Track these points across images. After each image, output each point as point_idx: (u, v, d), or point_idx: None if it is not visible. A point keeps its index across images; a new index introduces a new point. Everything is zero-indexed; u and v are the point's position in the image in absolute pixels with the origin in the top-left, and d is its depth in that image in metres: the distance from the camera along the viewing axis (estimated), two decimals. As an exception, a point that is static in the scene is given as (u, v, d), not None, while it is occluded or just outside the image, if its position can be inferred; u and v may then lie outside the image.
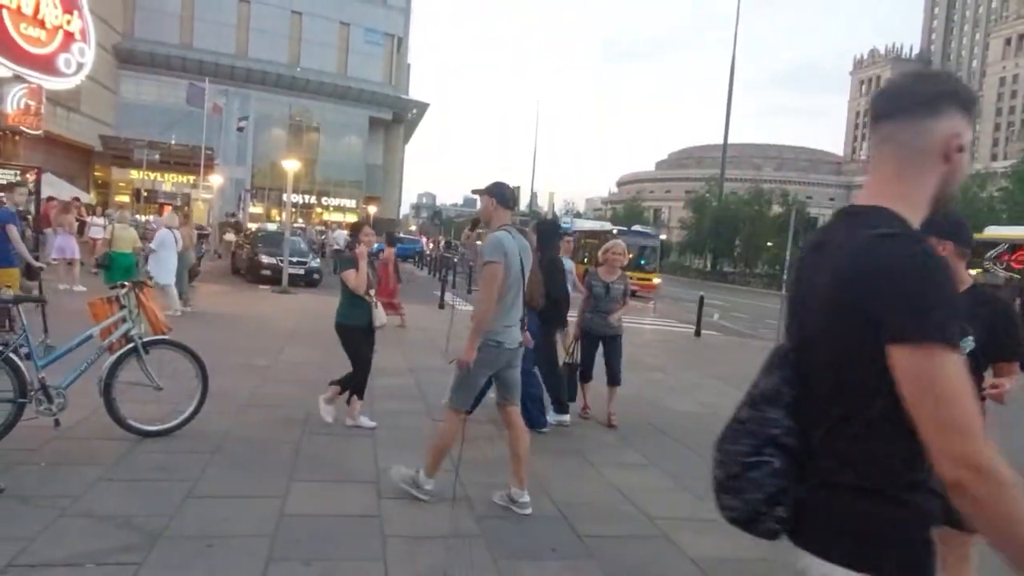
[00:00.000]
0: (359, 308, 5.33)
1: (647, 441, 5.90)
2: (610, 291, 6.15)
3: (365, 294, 5.28)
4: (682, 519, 4.16)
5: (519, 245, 3.87)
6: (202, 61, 43.27)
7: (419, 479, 4.00)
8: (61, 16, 16.24)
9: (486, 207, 3.99)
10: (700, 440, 5.97)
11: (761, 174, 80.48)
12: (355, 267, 5.24)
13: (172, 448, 4.54)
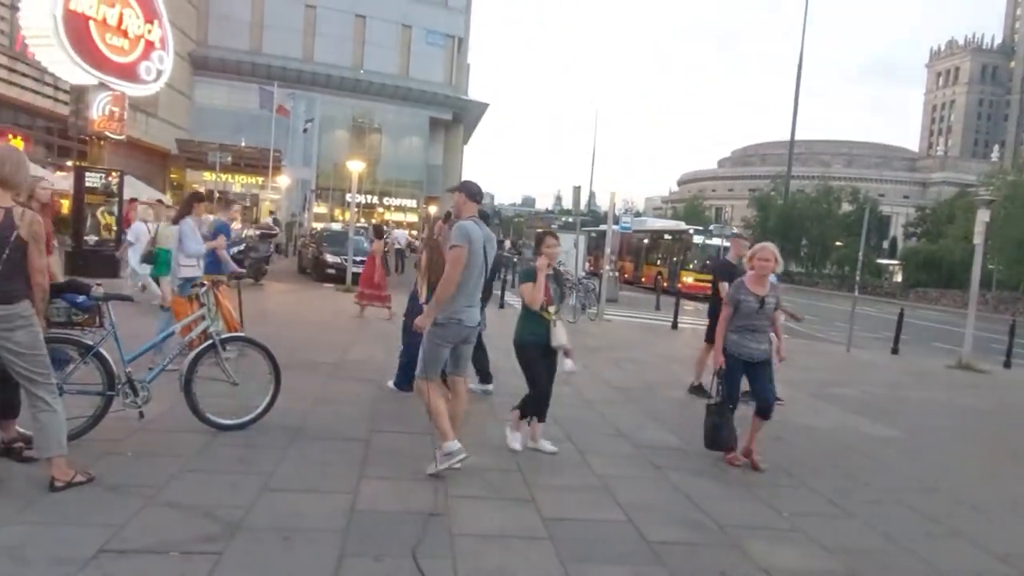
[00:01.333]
0: (536, 325, 4.89)
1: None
2: (764, 305, 5.13)
3: (543, 310, 4.83)
4: (754, 528, 4.05)
5: (484, 235, 4.36)
6: (270, 66, 44.68)
7: (444, 450, 4.30)
8: (143, 26, 17.01)
9: (457, 201, 4.54)
10: (770, 447, 5.81)
11: (830, 171, 77.64)
12: (534, 280, 4.83)
13: (247, 442, 4.69)
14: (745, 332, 5.11)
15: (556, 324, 4.86)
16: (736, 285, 5.22)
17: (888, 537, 4.12)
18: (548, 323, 4.84)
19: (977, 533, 4.36)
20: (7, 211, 3.44)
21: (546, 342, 4.85)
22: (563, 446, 5.37)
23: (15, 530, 3.17)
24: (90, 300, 4.32)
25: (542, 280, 4.84)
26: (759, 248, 5.28)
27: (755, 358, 5.11)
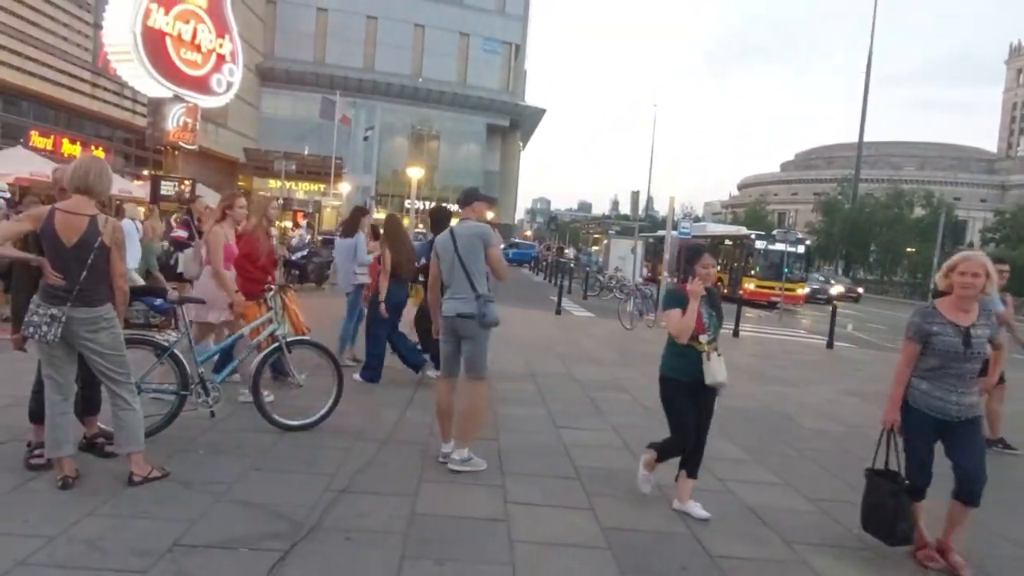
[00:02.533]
0: (684, 358, 4.03)
1: (778, 459, 5.59)
2: (971, 342, 3.54)
3: (695, 341, 4.01)
4: (821, 544, 3.91)
5: (457, 235, 4.57)
6: (333, 76, 45.88)
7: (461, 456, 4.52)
8: (215, 40, 17.76)
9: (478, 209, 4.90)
10: (838, 461, 5.61)
11: (900, 174, 74.68)
12: (682, 305, 4.01)
13: (311, 442, 4.81)
14: (942, 378, 3.60)
15: (711, 357, 3.99)
16: (923, 312, 3.72)
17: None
18: (700, 355, 3.99)
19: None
20: (92, 219, 3.62)
21: (697, 379, 3.98)
22: (621, 454, 5.31)
23: (96, 522, 3.33)
24: (166, 303, 4.51)
25: (695, 307, 3.97)
26: (961, 259, 3.65)
27: (955, 416, 3.58)
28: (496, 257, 4.59)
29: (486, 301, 4.45)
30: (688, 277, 4.07)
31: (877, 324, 22.90)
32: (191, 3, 17.11)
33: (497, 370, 8.20)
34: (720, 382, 4.01)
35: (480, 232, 4.56)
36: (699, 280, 4.00)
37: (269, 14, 45.61)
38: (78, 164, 3.76)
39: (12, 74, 19.32)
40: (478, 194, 4.83)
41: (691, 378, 4.00)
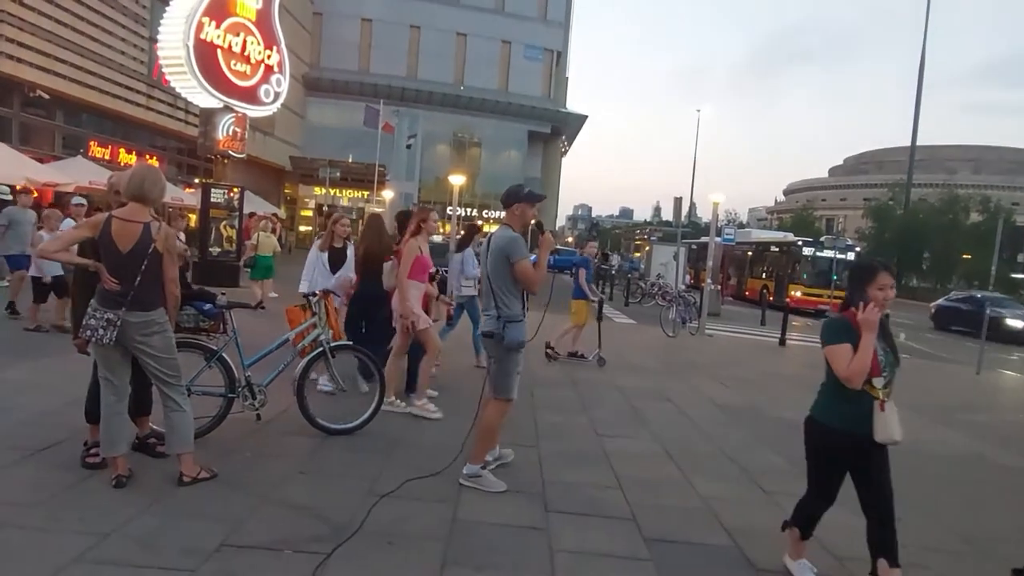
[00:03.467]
0: (854, 405, 3.17)
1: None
2: None
3: (866, 385, 3.14)
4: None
5: (489, 246, 4.32)
6: (377, 85, 46.58)
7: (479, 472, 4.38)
8: (263, 51, 18.18)
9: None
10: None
11: (956, 178, 72.12)
12: (851, 340, 3.12)
13: (354, 446, 4.86)
14: None
15: (887, 407, 3.15)
16: None
17: None
18: (873, 404, 3.15)
19: None
20: (146, 226, 3.74)
21: (865, 432, 3.17)
22: (664, 464, 5.23)
23: (147, 520, 3.42)
24: (215, 308, 4.62)
25: (871, 342, 3.09)
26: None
27: None
28: (522, 271, 4.10)
29: (507, 322, 4.12)
30: (857, 302, 3.16)
31: (932, 334, 22.14)
32: (241, 16, 17.57)
33: (538, 377, 8.19)
34: (896, 440, 3.18)
35: (503, 245, 4.14)
36: (875, 307, 3.11)
37: (316, 25, 46.60)
38: (134, 173, 3.88)
39: (73, 87, 20.15)
40: (518, 194, 4.31)
41: (856, 430, 3.17)
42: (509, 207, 4.31)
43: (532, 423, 5.97)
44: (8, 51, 17.64)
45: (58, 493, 3.65)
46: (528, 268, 4.12)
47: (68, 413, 4.76)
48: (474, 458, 4.34)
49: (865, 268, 3.29)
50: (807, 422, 3.48)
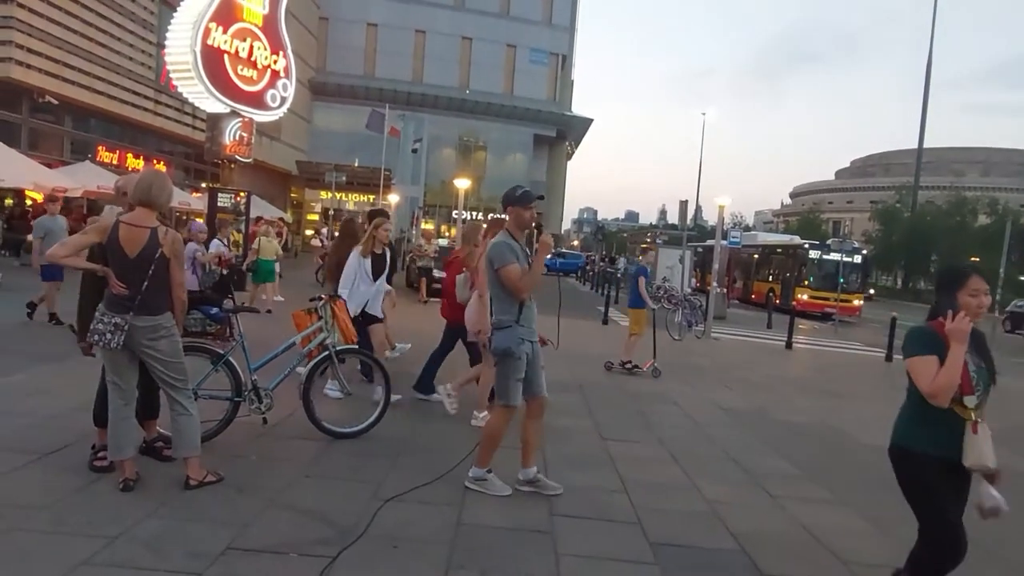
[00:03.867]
0: (941, 428, 2.80)
1: (832, 475, 5.42)
2: None
3: (956, 404, 2.76)
4: (878, 565, 3.75)
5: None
6: (382, 89, 46.72)
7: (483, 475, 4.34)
8: (270, 57, 18.31)
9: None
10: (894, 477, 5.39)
11: (963, 180, 71.74)
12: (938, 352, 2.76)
13: (360, 450, 4.87)
14: None
15: (978, 430, 2.75)
16: None
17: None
18: (963, 425, 2.77)
19: None
20: (153, 231, 3.76)
21: (953, 456, 2.77)
22: (669, 468, 5.23)
23: (153, 524, 3.44)
24: (222, 312, 4.65)
25: (960, 355, 2.73)
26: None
27: None
28: (504, 277, 3.99)
29: (495, 328, 4.09)
30: (945, 310, 2.82)
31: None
32: (248, 21, 17.69)
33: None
34: (989, 467, 2.76)
35: (489, 252, 4.14)
36: (965, 315, 2.76)
37: (322, 30, 46.79)
38: (141, 178, 3.91)
39: (81, 93, 20.30)
40: (511, 196, 4.19)
41: (945, 454, 2.78)
42: (506, 210, 4.22)
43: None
44: (18, 57, 17.80)
45: (66, 496, 3.67)
46: (511, 274, 3.97)
47: (76, 417, 4.78)
48: (479, 461, 4.32)
49: (955, 272, 2.97)
50: (892, 452, 2.99)
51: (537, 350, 4.24)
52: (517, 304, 4.05)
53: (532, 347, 4.14)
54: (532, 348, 4.14)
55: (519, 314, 4.06)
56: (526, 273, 4.02)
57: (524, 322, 4.08)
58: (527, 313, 4.11)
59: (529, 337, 4.13)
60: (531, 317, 4.17)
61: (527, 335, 4.11)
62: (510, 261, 3.99)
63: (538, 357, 4.24)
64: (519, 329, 4.05)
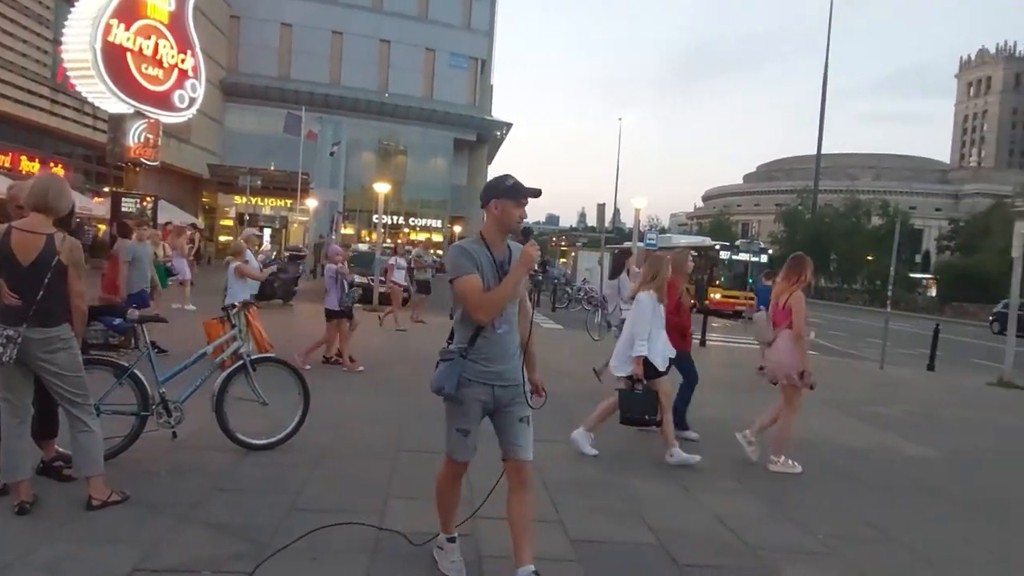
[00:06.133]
0: None
1: (742, 466, 5.68)
2: None
3: None
4: (788, 551, 3.98)
5: None
6: (298, 91, 45.60)
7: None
8: (176, 55, 17.55)
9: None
10: (806, 464, 5.71)
11: (858, 185, 76.65)
12: None
13: (276, 461, 4.75)
14: None
15: None
16: None
17: (930, 562, 4.02)
18: None
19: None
20: (49, 237, 3.56)
21: None
22: (591, 465, 5.34)
23: (54, 548, 3.24)
24: (126, 323, 4.44)
25: None
26: None
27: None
28: (458, 292, 2.99)
29: (440, 359, 3.10)
30: None
31: (838, 331, 23.38)
32: (152, 18, 16.91)
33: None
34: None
35: (447, 261, 3.20)
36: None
37: (233, 29, 45.22)
38: (36, 182, 3.70)
39: (-34, 90, 18.87)
40: (498, 187, 3.10)
41: None
42: (486, 206, 3.09)
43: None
44: None
45: (-48, 524, 3.42)
46: (468, 288, 2.94)
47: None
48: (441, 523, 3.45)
49: None
50: None
51: (515, 398, 3.15)
52: (472, 330, 3.02)
53: (494, 392, 3.07)
54: (493, 394, 3.07)
55: (469, 344, 3.02)
56: (489, 290, 2.97)
57: (477, 356, 3.02)
58: (486, 345, 3.02)
59: (483, 379, 3.03)
60: (496, 352, 3.05)
61: (478, 375, 3.02)
62: (467, 271, 2.96)
63: (515, 406, 3.15)
64: (466, 365, 3.00)
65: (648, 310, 5.37)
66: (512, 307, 3.09)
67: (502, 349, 3.06)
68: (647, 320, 5.34)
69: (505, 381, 3.09)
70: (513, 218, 3.05)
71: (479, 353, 3.02)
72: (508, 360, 3.08)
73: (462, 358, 3.01)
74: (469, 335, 3.03)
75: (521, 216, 3.07)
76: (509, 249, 3.09)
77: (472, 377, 3.02)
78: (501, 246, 3.09)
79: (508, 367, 3.08)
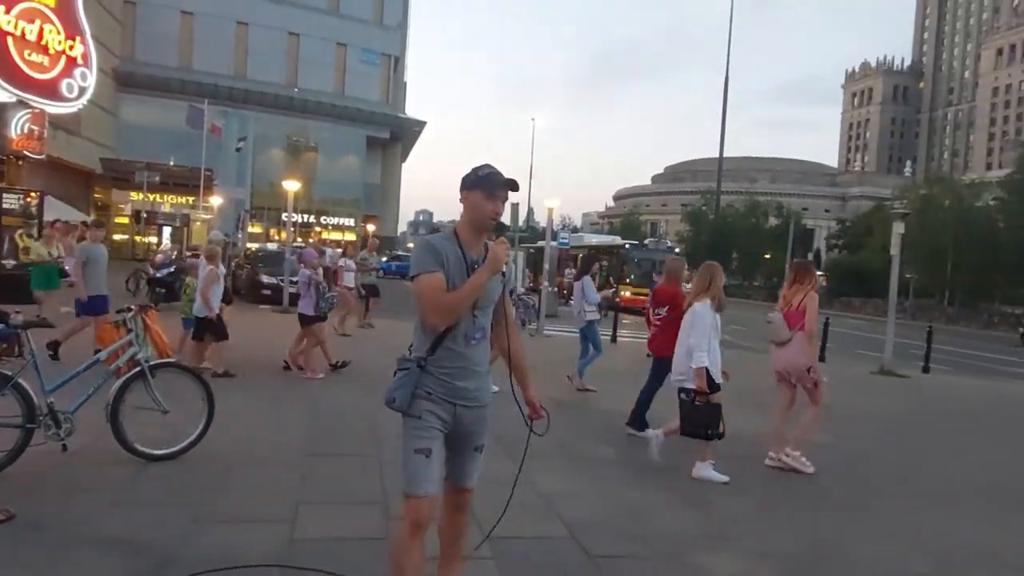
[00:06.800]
0: None
1: (647, 458, 5.88)
2: None
3: None
4: (693, 537, 4.16)
5: None
6: (201, 83, 43.65)
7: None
8: (64, 42, 16.41)
9: None
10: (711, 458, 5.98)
11: (756, 187, 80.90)
12: None
13: (179, 472, 4.54)
14: None
15: None
16: None
17: (827, 542, 4.30)
18: None
19: (906, 528, 4.60)
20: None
21: None
22: (504, 463, 5.39)
23: (-75, 576, 2.99)
24: (9, 329, 4.13)
25: None
26: None
27: None
28: (417, 292, 2.57)
29: (396, 369, 2.67)
30: None
31: (740, 326, 24.57)
32: (36, 1, 15.75)
33: (381, 379, 8.11)
34: None
35: (411, 258, 2.73)
36: None
37: (127, 15, 42.73)
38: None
39: None
40: (471, 177, 2.65)
41: None
42: (461, 200, 2.69)
43: (370, 431, 5.91)
44: None
45: None
46: (426, 287, 2.53)
47: None
48: None
49: None
50: None
51: (478, 422, 2.78)
52: (432, 338, 2.59)
53: (455, 412, 2.63)
54: (454, 414, 2.64)
55: (429, 353, 2.59)
56: (455, 291, 2.55)
57: (437, 369, 2.59)
58: (448, 357, 2.60)
59: (444, 395, 2.61)
60: (461, 365, 2.63)
61: (438, 390, 2.60)
62: (428, 268, 2.54)
63: (475, 432, 2.80)
64: (423, 378, 2.58)
65: (707, 320, 5.24)
66: (484, 316, 2.68)
67: (468, 362, 2.63)
68: (707, 330, 5.21)
69: (470, 401, 2.65)
70: (484, 213, 2.61)
71: (439, 365, 2.59)
72: (476, 377, 2.67)
73: (419, 369, 2.58)
74: (429, 343, 2.59)
75: (495, 212, 2.63)
76: (486, 248, 2.65)
77: (430, 391, 2.58)
78: (476, 245, 2.65)
79: (475, 385, 2.67)
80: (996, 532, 4.75)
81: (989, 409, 11.17)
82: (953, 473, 6.49)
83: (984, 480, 6.23)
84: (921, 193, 44.62)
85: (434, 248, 2.59)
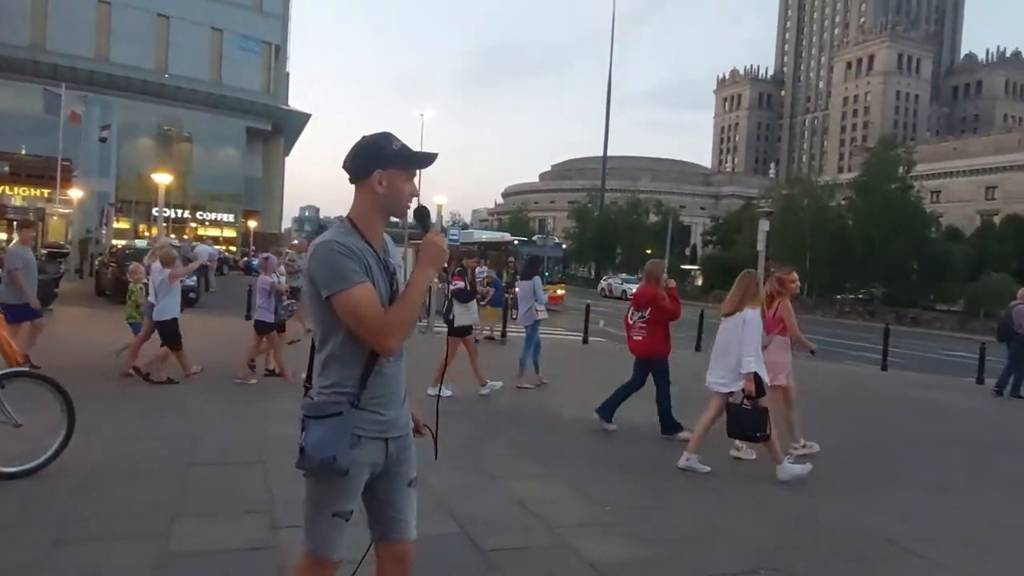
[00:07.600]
0: None
1: (543, 451, 6.02)
2: None
3: None
4: (580, 525, 4.29)
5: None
6: (57, 65, 40.06)
7: None
8: None
9: None
10: (593, 447, 6.19)
11: (638, 185, 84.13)
12: None
13: (36, 489, 4.16)
14: None
15: None
16: None
17: (713, 528, 4.56)
18: None
19: (775, 508, 4.96)
20: None
21: None
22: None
23: None
24: None
25: None
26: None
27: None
28: (351, 312, 1.98)
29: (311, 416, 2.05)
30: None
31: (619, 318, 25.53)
32: None
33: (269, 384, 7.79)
34: None
35: (310, 268, 2.07)
36: None
37: (-35, -14, 38.49)
38: None
39: None
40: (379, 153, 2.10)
41: None
42: (364, 180, 2.11)
43: (257, 438, 5.67)
44: None
45: None
46: (364, 304, 1.98)
47: None
48: None
49: None
50: None
51: (405, 452, 2.23)
52: (362, 364, 2.05)
53: (387, 449, 2.14)
54: (386, 451, 2.14)
55: (361, 387, 2.05)
56: (400, 302, 2.08)
57: (369, 402, 2.07)
58: (380, 384, 2.10)
59: (377, 432, 2.10)
60: (390, 391, 2.14)
61: (372, 428, 2.08)
62: (356, 279, 1.99)
63: (404, 465, 2.23)
64: (358, 417, 2.04)
65: (758, 327, 5.42)
66: None
67: (396, 386, 2.17)
68: (757, 337, 5.37)
69: (399, 431, 2.19)
70: (404, 195, 2.14)
71: (372, 397, 2.07)
72: (400, 402, 2.20)
73: (353, 407, 2.03)
74: (359, 373, 2.05)
75: (413, 193, 2.17)
76: (385, 241, 2.22)
77: (361, 433, 2.05)
78: (379, 236, 2.19)
79: (401, 411, 2.20)
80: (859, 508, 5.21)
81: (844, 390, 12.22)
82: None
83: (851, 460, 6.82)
84: (783, 193, 48.09)
85: (351, 251, 2.02)
